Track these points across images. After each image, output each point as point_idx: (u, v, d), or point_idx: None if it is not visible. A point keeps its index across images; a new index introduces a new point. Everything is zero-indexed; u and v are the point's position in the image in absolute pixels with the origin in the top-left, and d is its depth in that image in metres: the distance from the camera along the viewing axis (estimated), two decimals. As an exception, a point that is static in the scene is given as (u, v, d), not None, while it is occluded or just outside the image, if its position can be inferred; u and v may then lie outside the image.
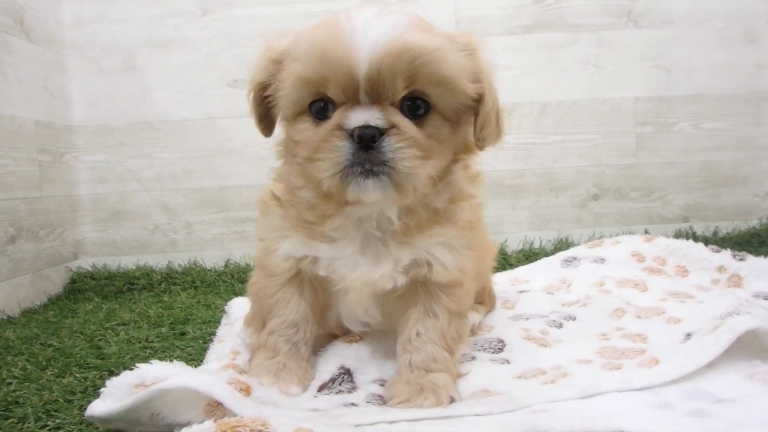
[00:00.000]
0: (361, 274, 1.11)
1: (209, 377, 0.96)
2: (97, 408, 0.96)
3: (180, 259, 2.55)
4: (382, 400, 1.09)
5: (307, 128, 1.03)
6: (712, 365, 1.13)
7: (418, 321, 1.13)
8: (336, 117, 0.99)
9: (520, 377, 1.16)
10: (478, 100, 1.05)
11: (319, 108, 1.02)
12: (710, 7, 2.66)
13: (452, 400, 1.06)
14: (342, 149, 0.96)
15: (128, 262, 2.54)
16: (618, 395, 1.06)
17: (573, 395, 1.05)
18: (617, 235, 2.51)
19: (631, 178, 2.71)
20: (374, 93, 0.97)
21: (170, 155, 2.59)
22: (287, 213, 1.14)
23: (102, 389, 0.99)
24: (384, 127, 0.96)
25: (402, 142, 0.96)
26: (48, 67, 2.40)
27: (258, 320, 1.23)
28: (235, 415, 0.91)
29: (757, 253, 1.94)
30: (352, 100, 0.98)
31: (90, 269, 2.47)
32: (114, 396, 0.97)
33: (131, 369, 1.01)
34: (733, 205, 2.76)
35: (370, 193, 0.98)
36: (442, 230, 1.11)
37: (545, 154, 2.68)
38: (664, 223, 2.73)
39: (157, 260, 2.55)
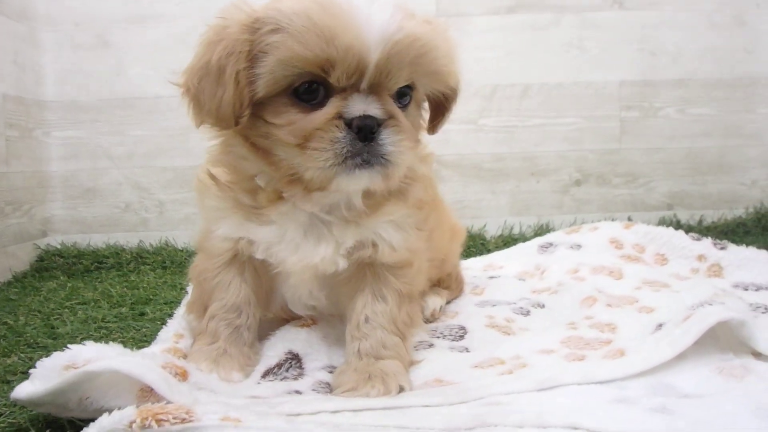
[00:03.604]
0: (301, 258, 1.06)
1: (142, 361, 0.91)
2: (24, 390, 0.91)
3: (151, 239, 2.49)
4: (329, 388, 1.05)
5: (291, 112, 0.95)
6: (681, 358, 1.09)
7: (366, 305, 1.09)
8: (334, 105, 0.93)
9: (476, 367, 1.11)
10: (451, 89, 1.07)
11: (306, 89, 0.95)
12: (699, -11, 2.60)
13: (401, 389, 1.01)
14: (342, 140, 0.92)
15: (98, 240, 2.49)
16: (578, 388, 1.01)
17: (530, 387, 1.01)
18: (599, 221, 2.47)
19: (615, 164, 2.66)
20: (376, 81, 0.94)
21: (143, 132, 2.52)
22: (225, 194, 1.08)
23: (31, 370, 0.94)
24: (382, 118, 0.93)
25: (400, 134, 0.95)
26: (19, 41, 2.32)
27: (199, 305, 1.17)
28: (168, 401, 0.86)
29: (743, 243, 1.89)
30: (353, 87, 0.93)
31: (59, 247, 2.41)
32: (43, 378, 0.92)
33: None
34: (718, 193, 2.72)
35: (360, 182, 0.96)
36: (392, 208, 1.08)
37: (527, 138, 2.62)
38: (647, 210, 2.68)
39: (127, 239, 2.50)
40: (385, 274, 1.09)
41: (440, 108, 1.10)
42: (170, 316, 1.57)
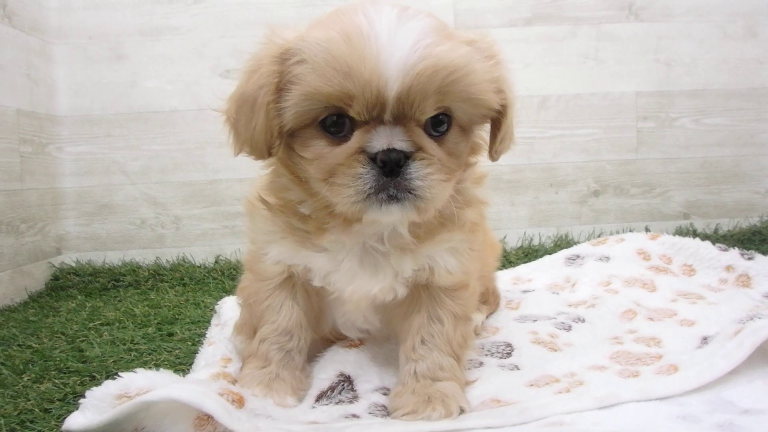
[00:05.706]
0: (359, 287, 1.03)
1: (199, 388, 0.88)
2: (76, 421, 0.88)
3: (168, 255, 2.46)
4: (386, 411, 1.02)
5: (318, 145, 0.93)
6: (734, 372, 1.07)
7: (422, 327, 1.06)
8: (357, 138, 0.90)
9: (532, 385, 1.09)
10: (499, 111, 1.00)
11: (333, 122, 0.92)
12: (712, 1, 2.61)
13: (462, 411, 0.99)
14: (365, 176, 0.88)
15: (114, 257, 2.45)
16: (638, 405, 1.00)
17: (590, 405, 1.00)
18: (617, 232, 2.46)
19: (632, 174, 2.66)
20: (400, 112, 0.89)
21: (159, 147, 2.49)
22: (277, 218, 1.05)
23: (81, 400, 0.91)
24: (410, 150, 0.89)
25: (429, 167, 0.90)
26: (32, 54, 2.29)
27: (249, 327, 1.14)
28: (226, 429, 0.83)
29: (759, 251, 1.89)
30: (375, 119, 0.89)
31: (73, 265, 2.37)
32: (95, 408, 0.89)
33: (114, 376, 0.93)
34: (733, 202, 2.72)
35: (391, 216, 0.92)
36: (449, 235, 1.05)
37: (545, 149, 2.62)
38: (664, 219, 2.68)
39: (144, 256, 2.46)
40: (441, 295, 1.06)
41: (494, 130, 1.05)
42: (200, 336, 1.54)
